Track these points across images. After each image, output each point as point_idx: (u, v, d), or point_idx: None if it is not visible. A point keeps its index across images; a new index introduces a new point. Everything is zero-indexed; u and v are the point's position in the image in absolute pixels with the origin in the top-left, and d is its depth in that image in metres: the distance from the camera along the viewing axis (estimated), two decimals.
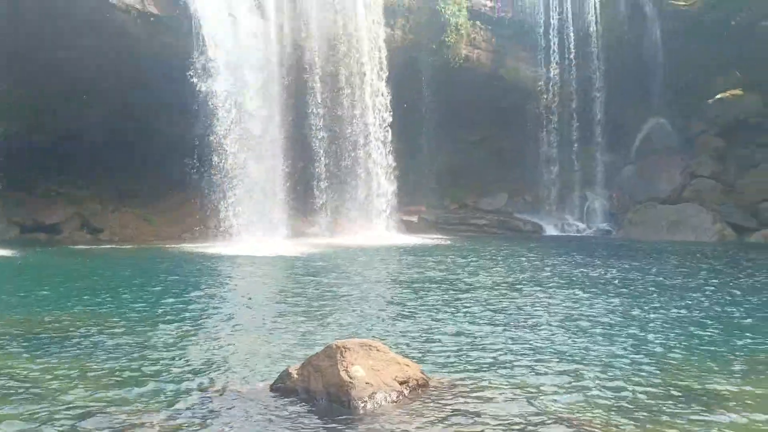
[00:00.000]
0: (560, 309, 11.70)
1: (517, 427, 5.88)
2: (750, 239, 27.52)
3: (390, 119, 28.08)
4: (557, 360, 8.25)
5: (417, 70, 29.57)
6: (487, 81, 31.34)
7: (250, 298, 13.18)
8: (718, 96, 31.41)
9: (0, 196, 21.35)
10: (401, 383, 6.61)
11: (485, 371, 7.69)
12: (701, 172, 30.38)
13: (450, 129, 30.06)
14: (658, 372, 7.79)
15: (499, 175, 32.19)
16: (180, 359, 8.15)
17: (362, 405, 6.16)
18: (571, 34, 32.36)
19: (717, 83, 32.27)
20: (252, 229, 23.40)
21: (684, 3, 35.46)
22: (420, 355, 8.34)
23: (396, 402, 6.37)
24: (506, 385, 7.15)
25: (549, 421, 6.02)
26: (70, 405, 6.39)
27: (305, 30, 25.98)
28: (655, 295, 13.34)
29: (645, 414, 6.34)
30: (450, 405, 6.41)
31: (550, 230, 31.11)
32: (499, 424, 5.90)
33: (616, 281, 15.31)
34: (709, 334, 9.94)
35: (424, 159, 30.49)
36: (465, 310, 11.64)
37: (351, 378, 6.31)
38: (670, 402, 6.71)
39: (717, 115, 31.19)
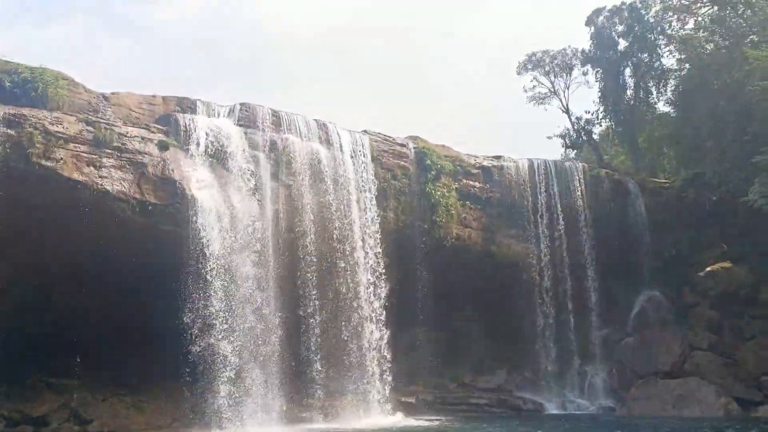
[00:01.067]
0: None
1: None
2: (756, 414, 26.84)
3: (385, 300, 28.12)
4: None
5: (410, 250, 30.04)
6: (480, 258, 31.84)
7: None
8: (708, 269, 31.94)
9: None
10: None
11: None
12: (699, 344, 30.25)
13: (445, 307, 30.11)
14: None
15: (497, 352, 31.86)
16: None
17: None
18: (559, 211, 33.22)
19: (705, 255, 33.00)
20: (245, 417, 22.73)
21: (663, 181, 36.96)
22: None
23: None
24: None
25: None
26: None
27: (299, 215, 26.57)
28: None
29: None
30: None
31: (551, 408, 30.32)
32: None
33: None
34: None
35: (420, 338, 30.26)
36: None
37: None
38: None
39: (709, 288, 31.58)
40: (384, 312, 28.09)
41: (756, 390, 28.45)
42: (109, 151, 23.45)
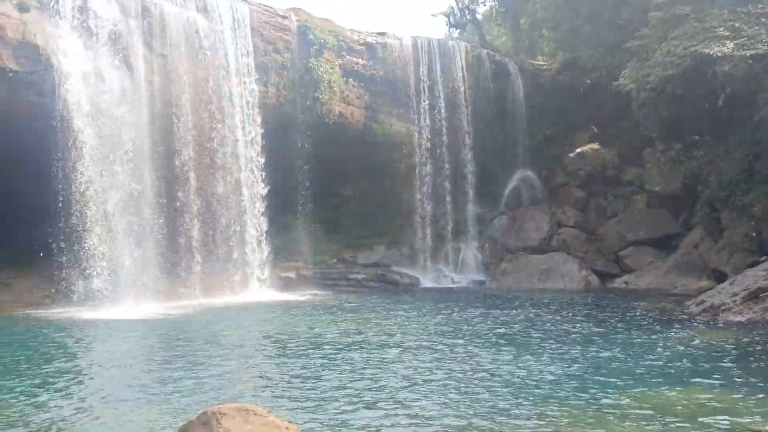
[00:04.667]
0: (441, 363, 11.81)
1: None
2: (612, 285, 29.01)
3: (264, 177, 27.91)
4: (442, 415, 8.28)
5: (291, 127, 29.64)
6: (361, 136, 31.86)
7: (117, 367, 12.53)
8: (578, 150, 33.47)
9: None
10: None
11: (368, 429, 7.61)
12: (566, 221, 32.01)
13: (326, 184, 30.18)
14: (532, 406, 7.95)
15: (376, 229, 32.49)
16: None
17: None
18: (441, 90, 33.45)
19: (577, 137, 34.48)
20: (119, 292, 22.42)
21: (542, 63, 37.69)
22: (301, 416, 8.15)
23: None
24: None
25: None
26: None
27: (176, 87, 25.56)
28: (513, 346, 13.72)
29: None
30: None
31: (427, 282, 31.53)
32: None
33: (490, 332, 15.66)
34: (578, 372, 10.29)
35: (300, 214, 30.38)
36: (342, 368, 11.54)
37: None
38: None
39: (578, 168, 33.25)
40: (264, 188, 27.94)
41: (614, 263, 30.73)
42: None
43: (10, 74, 22.14)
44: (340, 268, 31.42)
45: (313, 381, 10.42)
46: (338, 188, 31.63)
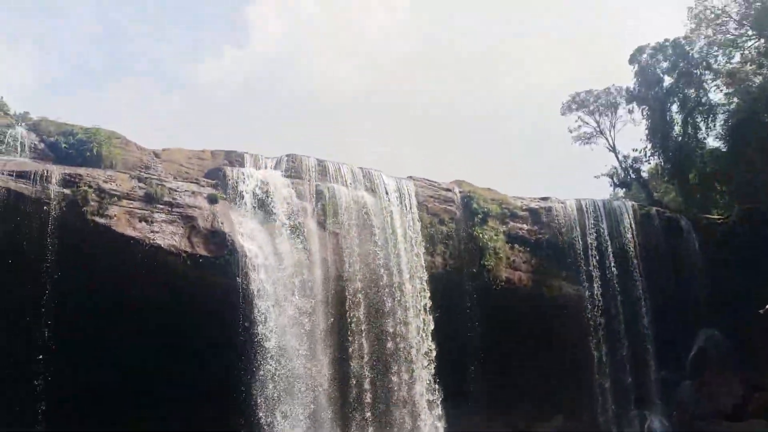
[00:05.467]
0: None
1: None
2: None
3: (435, 346, 27.90)
4: None
5: (459, 294, 29.82)
6: (530, 300, 31.40)
7: None
8: None
9: None
10: None
11: None
12: (763, 384, 29.19)
13: (497, 352, 29.66)
14: None
15: (552, 397, 31.13)
16: None
17: None
18: (610, 251, 32.72)
19: (765, 291, 32.06)
20: None
21: (716, 217, 36.20)
22: None
23: None
24: None
25: None
26: None
27: (348, 263, 26.73)
28: None
29: None
30: None
31: None
32: None
33: None
34: None
35: (472, 383, 29.79)
36: None
37: None
38: None
39: None
40: (435, 358, 27.86)
41: None
42: (161, 206, 24.05)
43: (201, 260, 24.15)
44: None
45: None
46: (510, 356, 30.89)
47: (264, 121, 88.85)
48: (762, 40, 34.12)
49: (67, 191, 22.67)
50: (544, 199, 33.88)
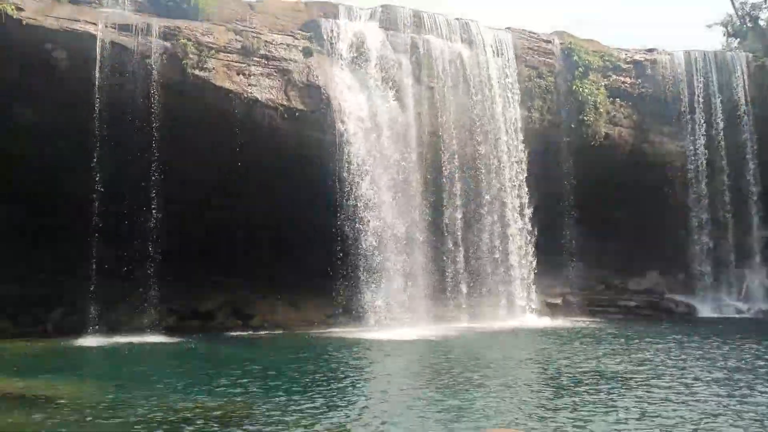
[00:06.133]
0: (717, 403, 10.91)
1: None
2: None
3: (530, 202, 27.87)
4: None
5: (556, 150, 29.30)
6: (630, 157, 30.62)
7: (394, 384, 13.18)
8: None
9: (161, 286, 22.68)
10: None
11: None
12: None
13: (593, 208, 29.32)
14: None
15: (648, 254, 30.86)
16: None
17: None
18: (719, 106, 31.18)
19: None
20: (393, 314, 23.57)
21: None
22: None
23: None
24: None
25: None
26: None
27: (442, 117, 26.48)
28: None
29: None
30: None
31: (705, 312, 29.33)
32: None
33: None
34: None
35: (566, 239, 29.81)
36: (612, 399, 11.09)
37: None
38: None
39: None
40: (529, 214, 27.89)
41: None
42: (257, 59, 24.05)
43: (297, 113, 24.36)
44: (609, 295, 30.36)
45: (582, 413, 10.13)
46: (606, 211, 30.51)
47: None
48: None
49: (167, 44, 22.84)
50: (650, 50, 32.14)
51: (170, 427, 9.33)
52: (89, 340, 20.71)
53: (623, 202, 30.45)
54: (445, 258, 26.33)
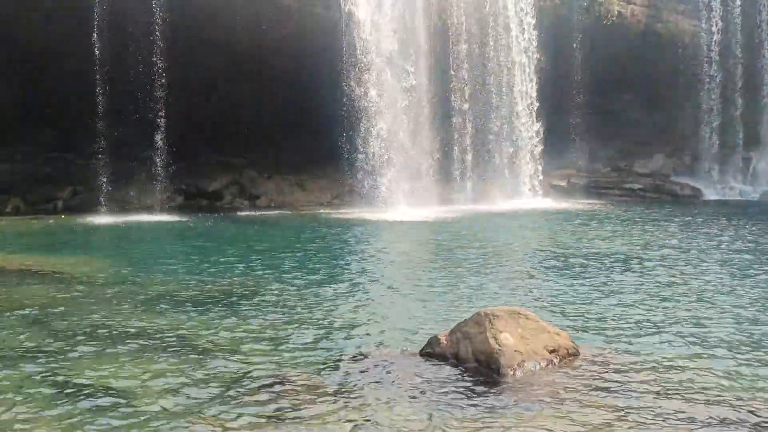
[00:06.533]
0: (721, 283, 11.14)
1: (670, 400, 5.72)
2: None
3: (538, 82, 27.48)
4: (714, 337, 7.89)
5: (567, 30, 28.60)
6: (642, 38, 29.91)
7: (397, 263, 13.44)
8: None
9: (169, 165, 22.81)
10: (551, 352, 6.57)
11: (636, 343, 7.49)
12: None
13: (602, 89, 28.93)
14: None
15: (655, 136, 30.73)
16: (331, 324, 8.47)
17: (512, 373, 6.18)
18: None
19: None
20: (399, 195, 23.75)
21: None
22: (568, 324, 8.22)
23: (546, 370, 6.34)
24: (659, 358, 6.94)
25: (700, 398, 5.81)
26: (230, 359, 6.81)
27: None
28: None
29: None
30: (602, 376, 6.31)
31: (710, 194, 29.46)
32: (655, 398, 5.76)
33: None
34: None
35: (574, 120, 29.57)
36: (616, 279, 11.31)
37: (500, 346, 6.34)
38: None
39: None
40: (537, 94, 27.57)
41: None
42: None
43: None
44: (614, 177, 30.43)
45: (584, 291, 10.34)
46: (615, 93, 30.12)
47: None
48: None
49: None
50: None
51: (175, 302, 9.61)
52: (99, 219, 21.05)
53: (633, 83, 29.99)
54: (452, 139, 26.26)
